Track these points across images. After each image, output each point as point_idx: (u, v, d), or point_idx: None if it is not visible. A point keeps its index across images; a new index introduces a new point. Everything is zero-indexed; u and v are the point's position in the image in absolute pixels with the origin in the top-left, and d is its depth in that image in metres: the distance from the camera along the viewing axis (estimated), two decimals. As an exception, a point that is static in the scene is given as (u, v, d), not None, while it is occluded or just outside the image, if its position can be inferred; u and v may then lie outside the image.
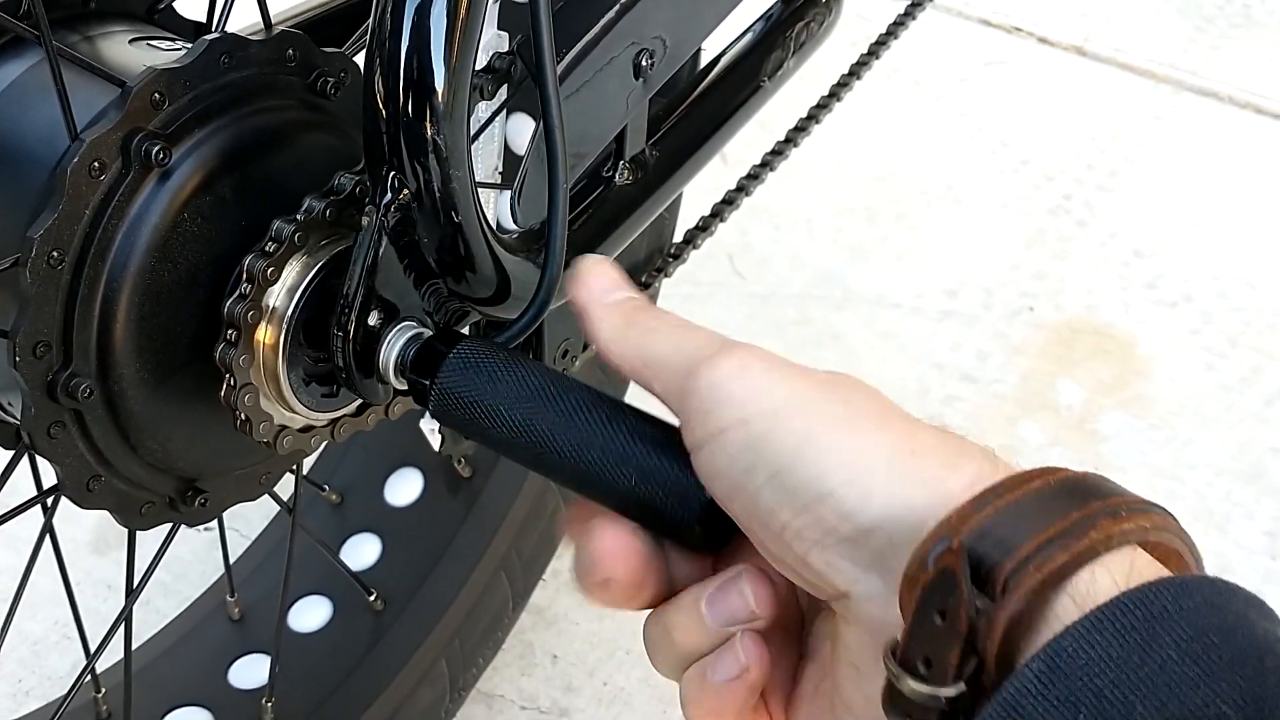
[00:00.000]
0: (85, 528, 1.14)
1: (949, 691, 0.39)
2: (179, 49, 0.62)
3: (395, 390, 0.60)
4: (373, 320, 0.58)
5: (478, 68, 0.64)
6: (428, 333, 0.59)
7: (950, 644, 0.39)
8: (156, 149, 0.55)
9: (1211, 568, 1.38)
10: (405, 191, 0.57)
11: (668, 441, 0.49)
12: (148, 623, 0.97)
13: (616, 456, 0.50)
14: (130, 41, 0.62)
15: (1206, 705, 0.36)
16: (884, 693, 0.41)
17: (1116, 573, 0.39)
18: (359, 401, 0.64)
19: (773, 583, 0.46)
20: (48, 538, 0.72)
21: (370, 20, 0.55)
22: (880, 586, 0.42)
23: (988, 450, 0.44)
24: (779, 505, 0.44)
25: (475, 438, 0.54)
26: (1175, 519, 0.42)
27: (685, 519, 0.48)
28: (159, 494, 0.63)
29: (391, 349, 0.58)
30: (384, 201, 0.57)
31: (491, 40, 0.73)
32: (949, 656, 0.39)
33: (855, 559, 0.43)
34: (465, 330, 0.65)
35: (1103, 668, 0.36)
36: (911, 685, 0.39)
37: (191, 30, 0.67)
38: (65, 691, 0.75)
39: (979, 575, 0.39)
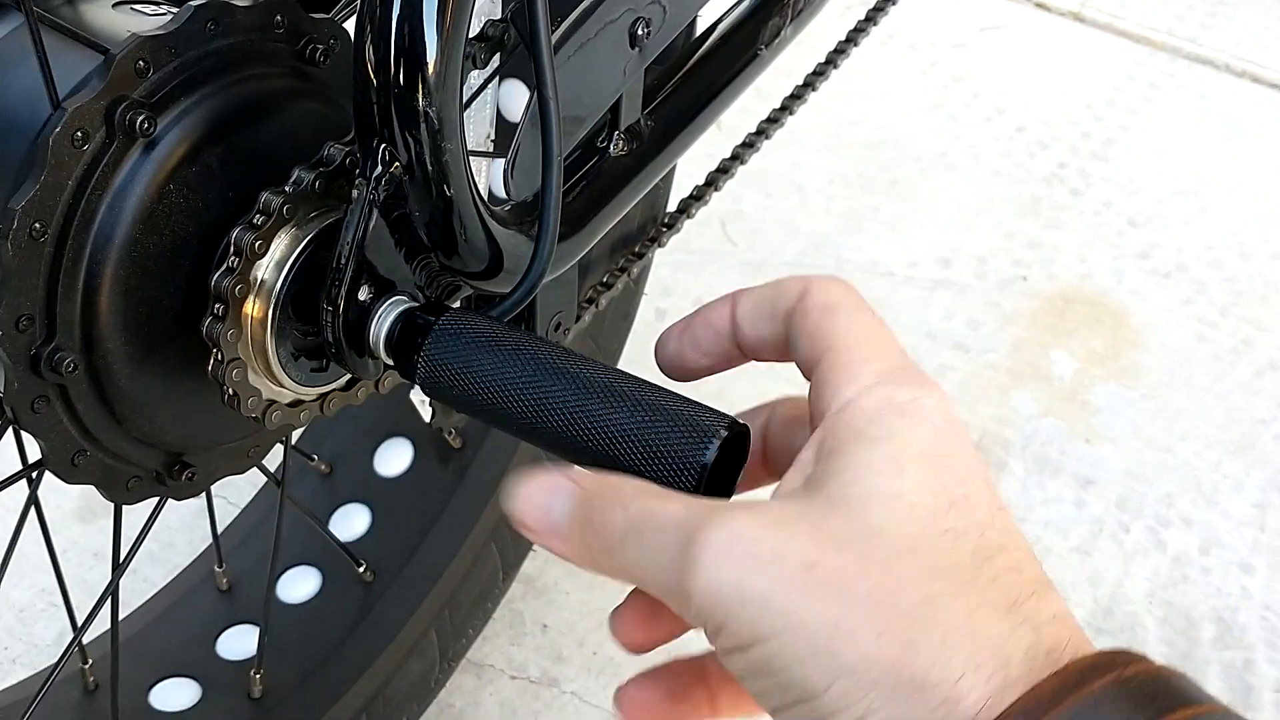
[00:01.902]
0: (72, 496, 1.14)
1: None
2: (164, 14, 0.60)
3: (385, 365, 0.59)
4: (363, 294, 0.57)
5: (471, 35, 0.62)
6: (418, 306, 0.58)
7: None
8: (141, 118, 0.53)
9: (1200, 540, 1.38)
10: (396, 164, 0.55)
11: (662, 407, 0.49)
12: (136, 591, 0.97)
13: (610, 422, 0.49)
14: (114, 6, 0.60)
15: None
16: None
17: None
18: (348, 376, 0.63)
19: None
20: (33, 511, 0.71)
21: (360, -14, 0.54)
22: None
23: (1015, 613, 0.38)
24: (775, 709, 0.40)
25: (464, 409, 0.53)
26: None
27: (678, 485, 0.48)
28: (145, 468, 0.62)
29: (382, 323, 0.57)
30: (374, 174, 0.56)
31: (485, 6, 0.72)
32: None
33: None
34: (457, 305, 0.64)
35: None
36: None
37: (176, -6, 0.65)
38: (52, 662, 0.75)
39: None
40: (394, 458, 0.97)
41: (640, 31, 0.68)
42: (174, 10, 0.57)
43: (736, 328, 0.49)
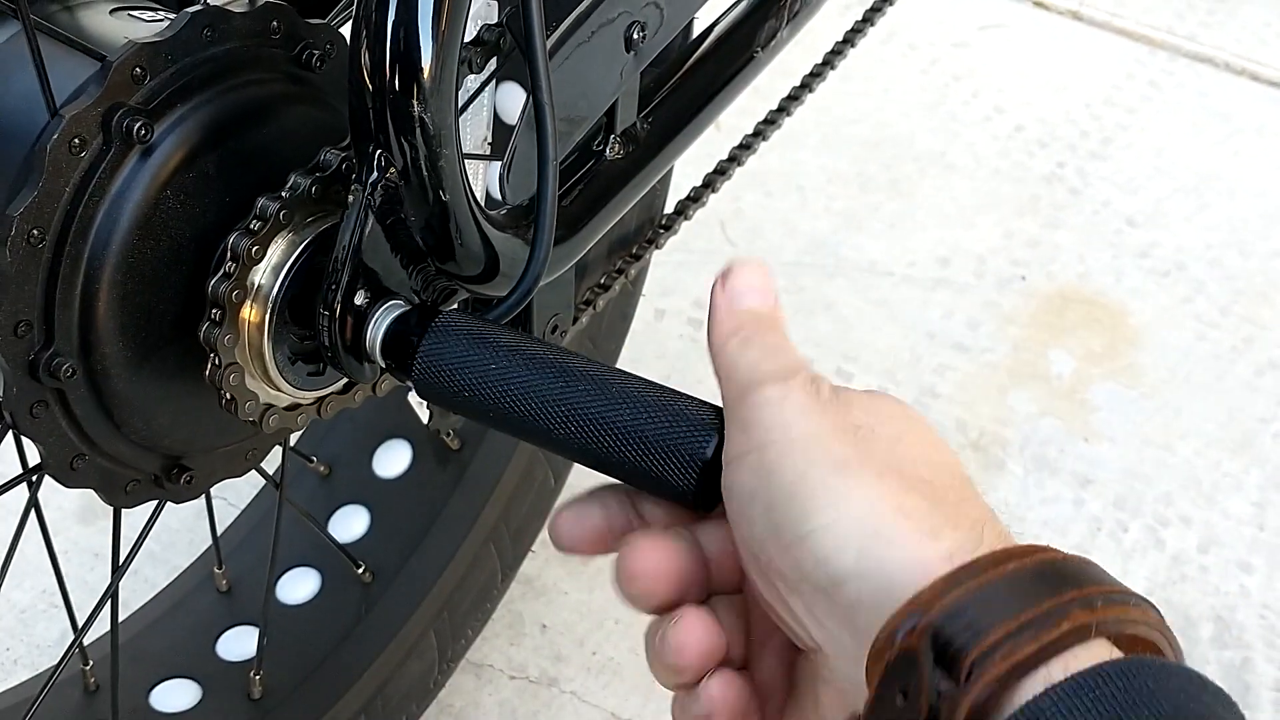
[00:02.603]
0: (72, 497, 1.14)
1: None
2: (161, 20, 0.60)
3: (381, 368, 0.59)
4: (359, 299, 0.57)
5: (466, 40, 0.62)
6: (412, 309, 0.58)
7: None
8: (138, 125, 0.54)
9: (1199, 538, 1.37)
10: (391, 169, 0.56)
11: (659, 403, 0.49)
12: (136, 592, 0.97)
13: (608, 420, 0.49)
14: (111, 12, 0.61)
15: None
16: None
17: (1090, 663, 0.38)
18: (345, 379, 0.63)
19: (705, 633, 0.46)
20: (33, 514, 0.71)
21: (356, -8, 0.54)
22: (851, 645, 0.42)
23: (983, 515, 0.43)
24: (767, 537, 0.44)
25: (460, 410, 0.54)
26: (1156, 610, 0.41)
27: (678, 481, 0.48)
28: (144, 472, 0.62)
29: (378, 327, 0.58)
30: (370, 179, 0.56)
31: (481, 10, 0.72)
32: None
33: (829, 611, 0.42)
34: (453, 308, 0.64)
35: None
36: None
37: (174, 0, 0.66)
38: (54, 663, 0.75)
39: (945, 656, 0.38)
40: (393, 459, 0.97)
41: (636, 35, 0.68)
42: (171, 16, 0.58)
43: None
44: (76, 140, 0.53)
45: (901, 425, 0.45)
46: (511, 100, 0.84)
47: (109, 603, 0.74)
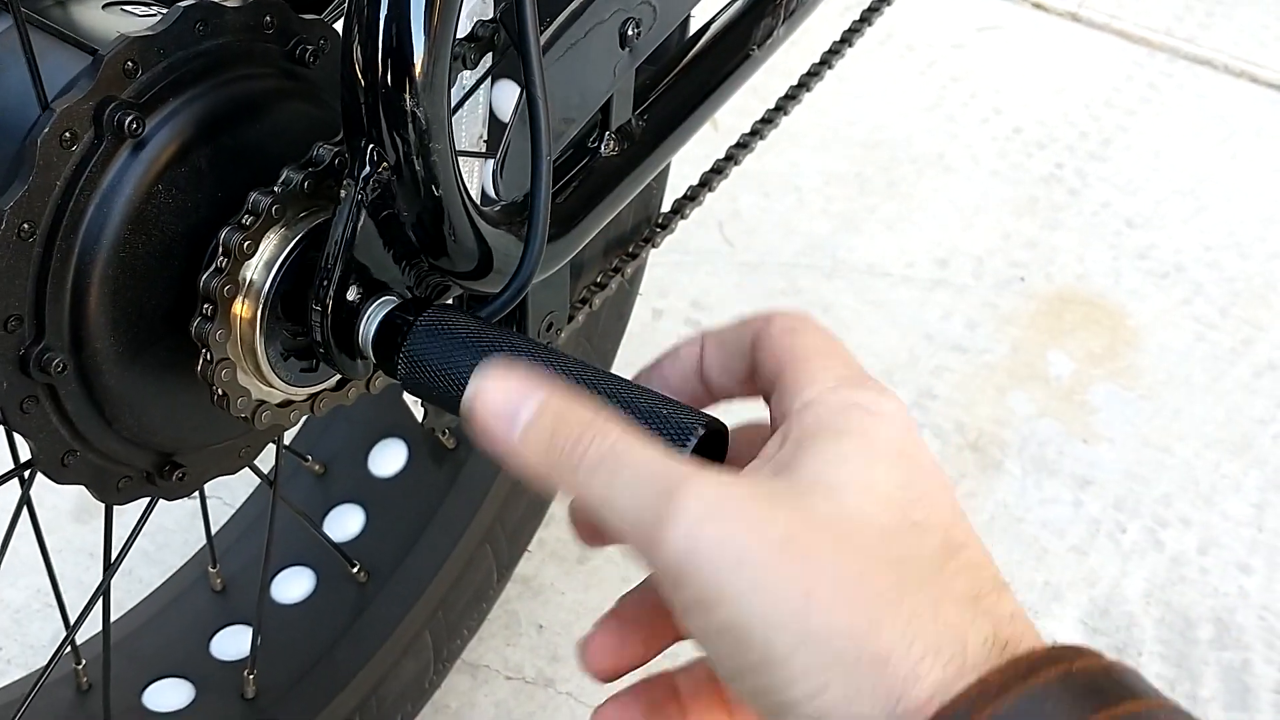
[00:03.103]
0: (66, 495, 1.14)
1: None
2: (154, 14, 0.60)
3: (373, 364, 0.59)
4: (352, 295, 0.57)
5: (460, 35, 0.62)
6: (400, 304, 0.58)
7: None
8: (130, 119, 0.54)
9: (1198, 540, 1.37)
10: (384, 164, 0.55)
11: (642, 405, 0.49)
12: (130, 592, 0.97)
13: None
14: (104, 6, 0.60)
15: None
16: None
17: None
18: (339, 376, 0.63)
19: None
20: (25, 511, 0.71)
21: (349, -13, 0.54)
22: None
23: (967, 588, 0.39)
24: (754, 697, 0.41)
25: (446, 406, 0.53)
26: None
27: None
28: (136, 468, 0.62)
29: (370, 323, 0.57)
30: (362, 174, 0.56)
31: (475, 6, 0.72)
32: None
33: None
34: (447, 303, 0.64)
35: None
36: None
37: (167, -6, 0.65)
38: (45, 662, 0.75)
39: None
40: (388, 458, 0.97)
41: (630, 32, 0.68)
42: (163, 11, 0.57)
43: (704, 367, 0.50)
44: (68, 134, 0.53)
45: (868, 477, 0.41)
46: (506, 97, 0.84)
47: (102, 601, 0.74)
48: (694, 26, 0.80)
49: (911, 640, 0.38)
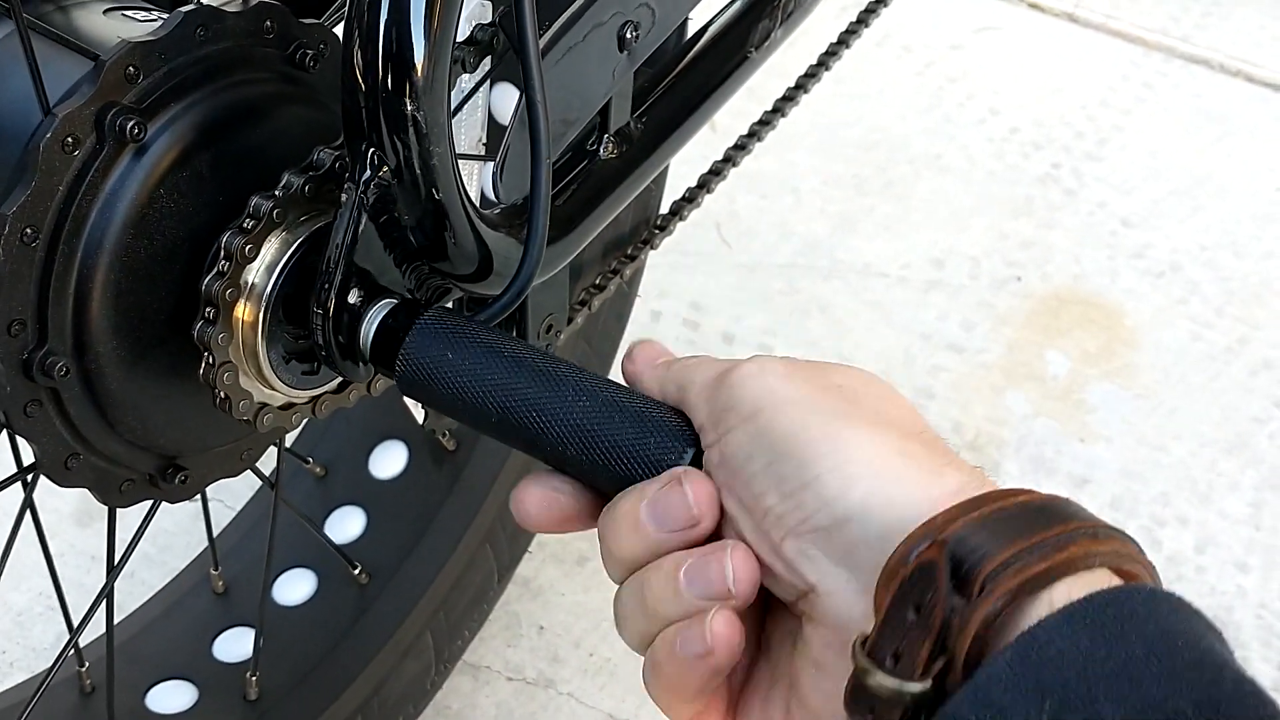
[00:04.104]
0: (69, 499, 1.14)
1: (915, 687, 0.39)
2: (155, 19, 0.60)
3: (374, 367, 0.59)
4: (353, 298, 0.57)
5: (459, 39, 0.63)
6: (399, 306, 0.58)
7: (922, 639, 0.39)
8: (131, 124, 0.54)
9: (1195, 539, 1.37)
10: (384, 168, 0.56)
11: (640, 411, 0.49)
12: (133, 595, 0.97)
13: (586, 425, 0.49)
14: (105, 12, 0.61)
15: (1166, 700, 0.36)
16: (848, 687, 0.41)
17: (1093, 588, 0.39)
18: (340, 378, 0.63)
19: (757, 563, 0.46)
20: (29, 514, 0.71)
21: (349, -9, 0.54)
22: (848, 582, 0.43)
23: (976, 469, 0.45)
24: (767, 489, 0.45)
25: (442, 408, 0.54)
26: (1140, 547, 0.43)
27: None
28: (138, 471, 0.62)
29: (371, 326, 0.58)
30: (363, 178, 0.56)
31: (475, 10, 0.72)
32: (919, 651, 0.39)
33: (828, 550, 0.43)
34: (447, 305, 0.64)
35: (1071, 659, 0.37)
36: (879, 679, 0.39)
37: (168, 0, 0.66)
38: (49, 665, 0.75)
39: (957, 576, 0.39)
40: (389, 460, 0.98)
41: (629, 35, 0.68)
42: (164, 16, 0.58)
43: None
44: (70, 139, 0.53)
45: (879, 390, 0.48)
46: (506, 100, 0.84)
47: (105, 604, 0.74)
48: (692, 29, 0.80)
49: (933, 454, 0.45)
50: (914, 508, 0.42)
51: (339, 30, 0.59)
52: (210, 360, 0.58)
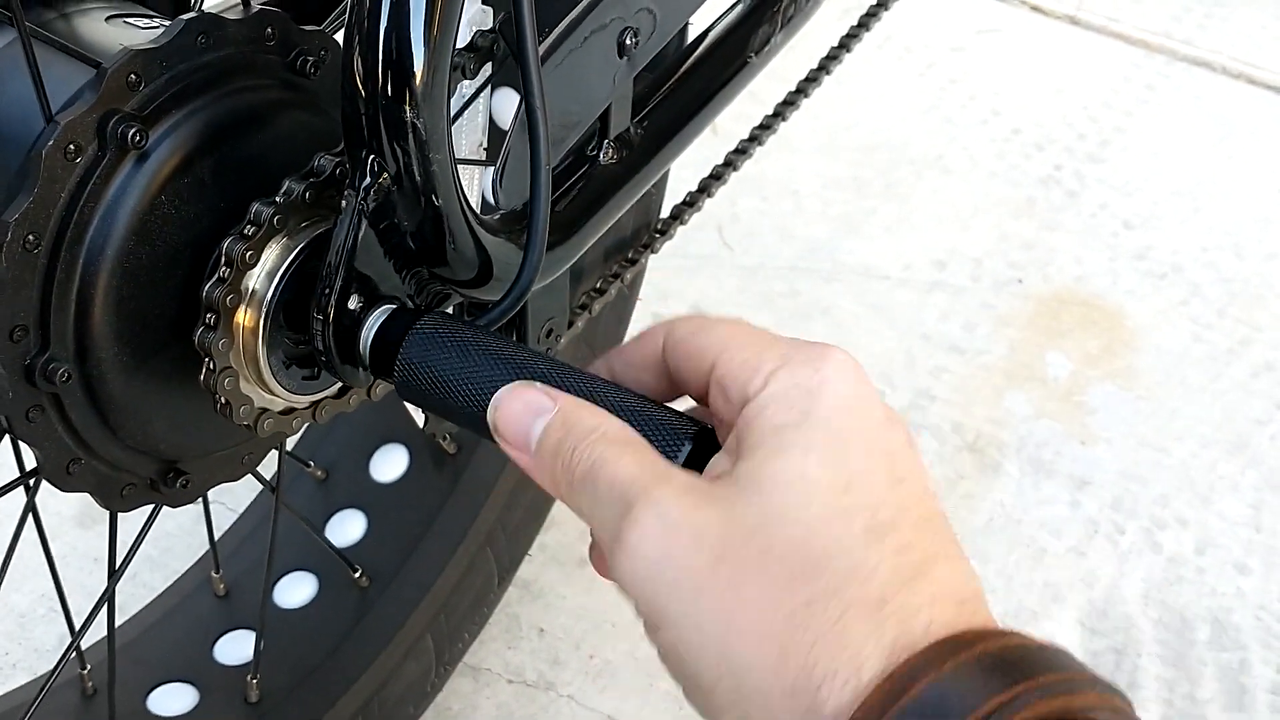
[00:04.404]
0: (71, 502, 1.14)
1: None
2: (157, 27, 0.61)
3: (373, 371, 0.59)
4: (353, 303, 0.58)
5: (460, 45, 0.63)
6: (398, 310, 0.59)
7: None
8: (133, 131, 0.54)
9: (1195, 541, 1.37)
10: (384, 174, 0.56)
11: (634, 410, 0.49)
12: (135, 597, 0.98)
13: None
14: (107, 19, 0.61)
15: None
16: None
17: None
18: (340, 383, 0.63)
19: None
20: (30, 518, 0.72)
21: (349, -2, 0.55)
22: None
23: (883, 609, 0.40)
24: (701, 714, 0.42)
25: (440, 412, 0.54)
26: (1124, 697, 0.38)
27: None
28: (140, 476, 0.62)
29: (371, 331, 0.58)
30: (363, 184, 0.56)
31: (475, 16, 0.72)
32: None
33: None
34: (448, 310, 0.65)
35: None
36: None
37: (170, 6, 0.66)
38: (51, 666, 0.75)
39: None
40: (389, 464, 0.98)
41: (629, 41, 0.68)
42: (166, 23, 0.58)
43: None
44: (72, 146, 0.53)
45: (800, 467, 0.42)
46: (506, 106, 0.84)
47: (106, 606, 0.75)
48: (692, 34, 0.80)
49: (813, 666, 0.39)
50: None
51: (339, 37, 0.59)
52: (211, 366, 0.58)
